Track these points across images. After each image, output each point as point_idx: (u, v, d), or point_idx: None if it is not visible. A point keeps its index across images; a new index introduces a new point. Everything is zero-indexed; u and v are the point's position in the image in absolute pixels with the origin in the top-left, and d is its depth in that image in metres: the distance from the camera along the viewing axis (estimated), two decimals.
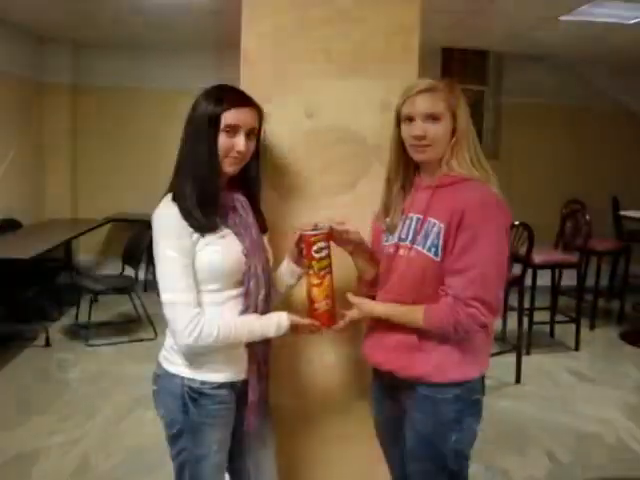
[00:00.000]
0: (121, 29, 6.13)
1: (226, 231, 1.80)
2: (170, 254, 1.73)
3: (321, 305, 1.84)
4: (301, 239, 1.86)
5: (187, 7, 5.20)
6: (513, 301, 4.80)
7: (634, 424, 3.92)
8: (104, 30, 6.18)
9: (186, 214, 1.73)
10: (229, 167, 1.79)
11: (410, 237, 1.79)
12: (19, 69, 6.20)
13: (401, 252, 1.81)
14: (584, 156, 7.49)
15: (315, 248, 1.82)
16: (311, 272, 1.84)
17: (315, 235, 1.82)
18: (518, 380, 4.50)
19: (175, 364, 1.83)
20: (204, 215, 1.75)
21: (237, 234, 1.82)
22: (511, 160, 7.37)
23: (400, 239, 1.82)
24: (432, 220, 1.74)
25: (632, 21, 5.13)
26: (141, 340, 5.20)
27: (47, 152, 6.84)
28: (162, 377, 1.87)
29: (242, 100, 1.79)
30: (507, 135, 7.47)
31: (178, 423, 1.82)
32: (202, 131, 1.75)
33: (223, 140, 1.75)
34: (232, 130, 1.75)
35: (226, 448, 1.90)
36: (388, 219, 1.89)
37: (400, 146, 1.84)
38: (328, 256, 1.85)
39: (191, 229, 1.73)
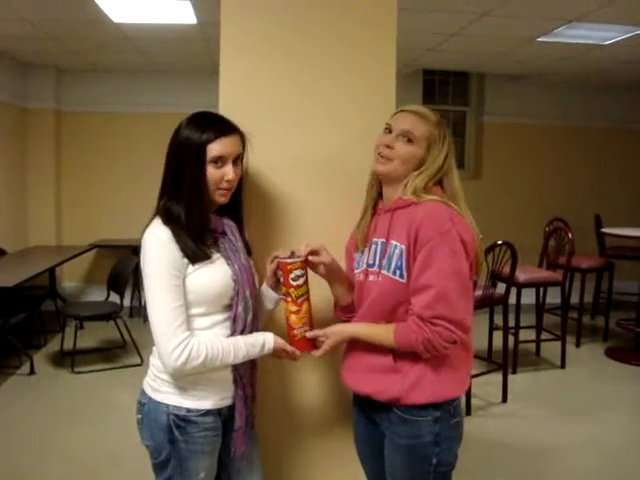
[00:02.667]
0: (105, 54, 6.16)
1: (215, 255, 1.82)
2: (160, 274, 1.73)
3: (300, 331, 1.86)
4: (278, 267, 1.87)
5: (173, 34, 5.25)
6: (498, 320, 4.82)
7: (622, 441, 3.93)
8: (88, 56, 6.20)
9: (178, 239, 1.74)
10: (221, 197, 1.81)
11: (377, 262, 1.81)
12: (2, 95, 6.19)
13: (371, 278, 1.83)
14: (566, 175, 7.58)
15: (292, 276, 1.83)
16: (289, 299, 1.86)
17: (292, 263, 1.84)
18: (504, 399, 4.50)
19: (160, 392, 1.82)
20: (195, 243, 1.76)
21: (226, 259, 1.83)
22: (494, 180, 7.44)
23: (368, 265, 1.85)
24: (393, 242, 1.77)
25: (608, 42, 5.22)
26: (127, 366, 5.16)
27: (31, 178, 6.81)
28: (147, 405, 1.85)
29: (226, 129, 1.79)
30: (489, 155, 7.54)
31: (164, 451, 1.81)
32: (188, 161, 1.75)
33: (212, 172, 1.75)
34: (220, 161, 1.76)
35: (213, 475, 1.89)
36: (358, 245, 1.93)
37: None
38: (305, 283, 1.86)
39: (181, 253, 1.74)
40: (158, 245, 1.74)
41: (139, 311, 6.70)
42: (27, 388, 4.70)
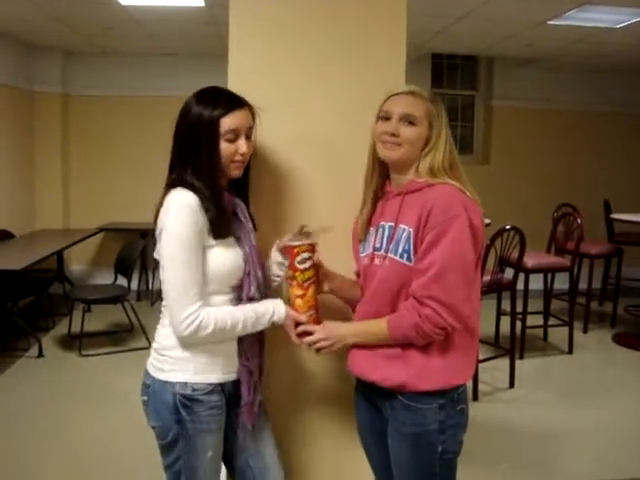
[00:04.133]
0: (112, 37, 6.13)
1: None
2: (184, 241, 1.70)
3: (305, 316, 1.83)
4: (284, 250, 1.86)
5: (180, 16, 5.21)
6: (506, 305, 4.81)
7: (629, 426, 3.93)
8: (95, 38, 6.18)
9: (207, 209, 1.73)
10: (235, 171, 1.81)
11: (384, 246, 1.79)
12: (9, 78, 6.18)
13: (377, 262, 1.81)
14: (576, 160, 7.52)
15: (299, 259, 1.81)
16: (294, 283, 1.83)
17: (299, 246, 1.81)
18: (512, 384, 4.50)
19: (164, 371, 1.82)
20: (221, 217, 1.76)
21: (237, 239, 1.83)
22: (502, 165, 7.40)
23: (375, 248, 1.82)
24: (402, 226, 1.75)
25: (619, 25, 5.16)
26: (134, 350, 5.18)
27: (38, 162, 6.81)
28: (152, 386, 1.85)
29: (237, 102, 1.78)
30: (498, 140, 7.49)
31: (171, 432, 1.81)
32: (203, 137, 1.74)
33: (226, 146, 1.75)
34: (233, 134, 1.75)
35: (220, 452, 1.89)
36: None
37: (375, 151, 1.86)
38: (312, 266, 1.84)
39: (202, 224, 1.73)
40: (186, 210, 1.71)
41: (147, 294, 6.71)
42: (35, 370, 4.73)
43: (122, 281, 5.43)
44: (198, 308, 1.72)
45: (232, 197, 1.86)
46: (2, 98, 6.07)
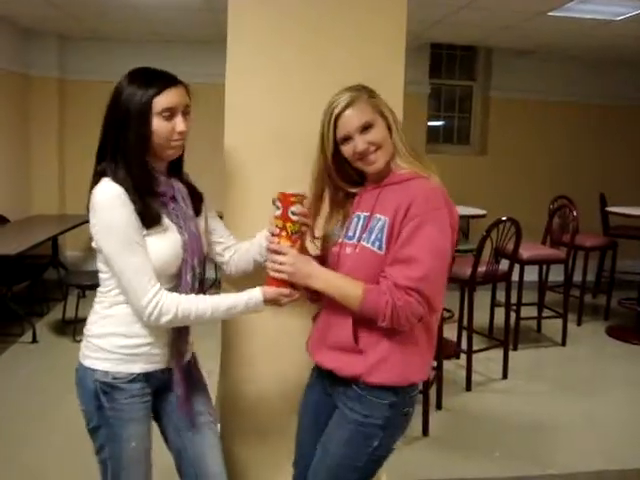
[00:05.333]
0: (108, 22, 6.08)
1: (166, 222, 1.78)
2: (120, 232, 1.68)
3: None
4: (279, 199, 1.81)
5: (177, 3, 5.18)
6: (500, 297, 4.82)
7: (621, 418, 3.95)
8: (90, 23, 6.13)
9: (133, 199, 1.70)
10: (172, 151, 1.76)
11: (357, 234, 1.78)
12: (5, 62, 6.13)
13: (347, 250, 1.79)
14: (573, 152, 7.52)
15: (293, 209, 1.79)
16: (284, 234, 1.80)
17: (295, 195, 1.80)
18: (505, 375, 4.52)
19: (89, 357, 1.82)
20: (147, 205, 1.72)
21: (177, 226, 1.80)
22: (499, 156, 7.40)
23: (347, 237, 1.81)
24: (377, 216, 1.75)
25: (620, 17, 5.15)
26: None
27: (34, 147, 6.77)
28: (79, 371, 1.85)
29: (171, 80, 1.72)
30: (495, 131, 7.48)
31: (94, 418, 1.82)
32: (133, 119, 1.68)
33: (162, 125, 1.70)
34: (169, 113, 1.70)
35: (146, 442, 1.87)
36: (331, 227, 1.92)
37: (324, 174, 1.85)
38: (300, 223, 1.82)
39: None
40: (115, 203, 1.68)
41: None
42: (29, 356, 4.72)
43: None
44: (156, 293, 1.70)
45: (171, 181, 1.82)
46: None
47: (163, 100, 1.68)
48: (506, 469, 3.28)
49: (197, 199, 1.91)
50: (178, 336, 1.85)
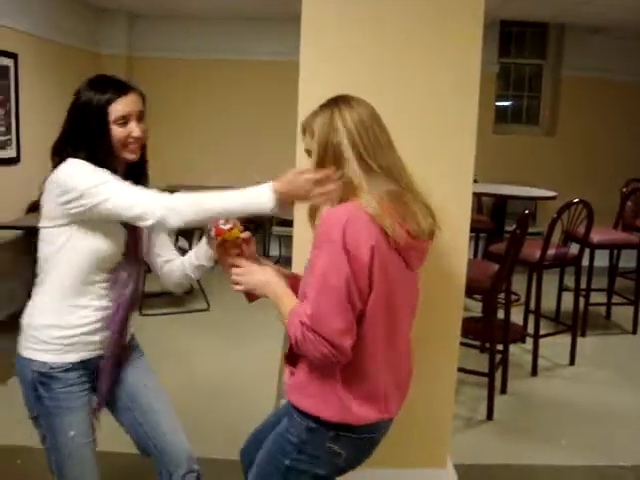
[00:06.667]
0: (176, 0, 6.13)
1: None
2: (90, 169, 1.75)
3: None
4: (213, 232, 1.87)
5: None
6: (569, 281, 4.70)
7: None
8: (159, 1, 6.19)
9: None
10: (130, 154, 1.85)
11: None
12: (76, 40, 6.27)
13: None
14: None
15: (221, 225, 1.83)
16: (227, 245, 1.84)
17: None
18: (572, 362, 4.41)
19: (27, 348, 1.85)
20: None
21: (124, 224, 1.85)
22: (569, 137, 7.18)
23: None
24: None
25: None
26: (193, 311, 5.27)
27: None
28: (18, 361, 1.88)
29: (125, 88, 1.82)
30: (566, 111, 7.25)
31: (34, 409, 1.86)
32: (91, 123, 1.77)
33: (118, 131, 1.79)
34: (124, 119, 1.79)
35: (85, 429, 1.88)
36: None
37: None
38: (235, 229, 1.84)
39: None
40: (83, 166, 1.76)
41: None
42: None
43: (183, 243, 5.50)
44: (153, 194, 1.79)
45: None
46: (69, 60, 6.16)
47: (118, 107, 1.78)
48: (574, 458, 3.20)
49: None
50: (113, 322, 1.89)
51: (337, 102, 1.68)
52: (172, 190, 1.87)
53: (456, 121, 2.42)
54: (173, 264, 2.07)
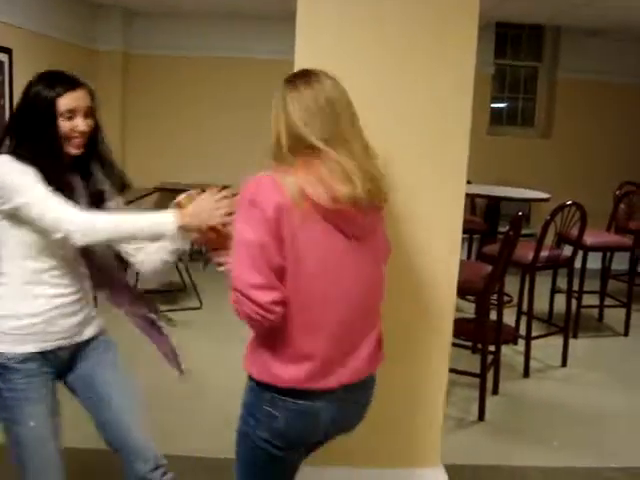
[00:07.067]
0: None
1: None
2: (29, 179, 1.76)
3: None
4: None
5: None
6: (561, 283, 4.71)
7: None
8: None
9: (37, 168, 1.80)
10: (74, 148, 1.88)
11: None
12: (72, 36, 6.25)
13: None
14: None
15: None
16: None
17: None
18: (564, 363, 4.42)
19: None
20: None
21: None
22: (564, 140, 7.20)
23: None
24: None
25: None
26: (186, 309, 5.26)
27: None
28: None
29: (73, 84, 1.86)
30: (561, 113, 7.27)
31: None
32: (39, 116, 1.82)
33: (63, 124, 1.83)
34: (70, 114, 1.84)
35: (46, 421, 1.89)
36: None
37: None
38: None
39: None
40: (8, 162, 1.79)
41: (200, 255, 6.79)
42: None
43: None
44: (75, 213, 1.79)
45: (71, 174, 1.92)
46: (65, 55, 6.14)
47: (65, 102, 1.83)
48: (565, 459, 3.21)
49: (96, 197, 1.98)
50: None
51: (293, 81, 1.73)
52: (167, 188, 1.90)
53: (453, 122, 2.42)
54: (149, 250, 2.05)
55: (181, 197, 1.88)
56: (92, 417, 2.04)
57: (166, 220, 1.81)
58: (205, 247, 1.94)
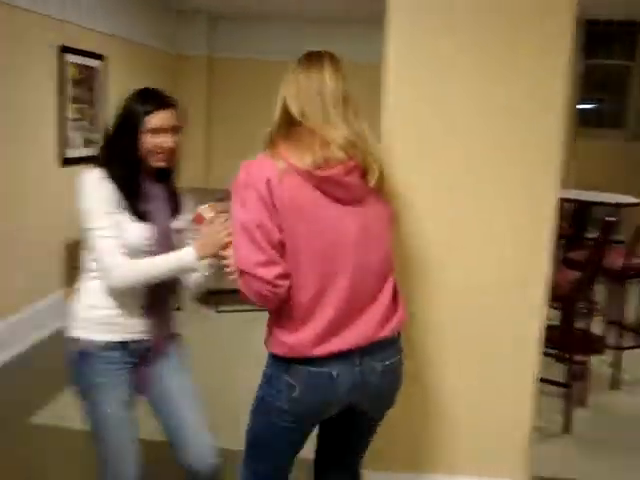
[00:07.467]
0: (254, 2, 6.20)
1: (140, 212, 2.01)
2: (98, 201, 1.94)
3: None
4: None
5: None
6: None
7: None
8: (240, 1, 6.27)
9: (114, 182, 1.97)
10: (157, 162, 2.02)
11: None
12: (159, 42, 6.44)
13: None
14: None
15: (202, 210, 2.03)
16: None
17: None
18: None
19: (72, 328, 2.04)
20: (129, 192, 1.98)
21: (152, 219, 2.02)
22: None
23: None
24: None
25: None
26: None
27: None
28: (66, 341, 2.06)
29: (163, 104, 2.02)
30: None
31: (76, 384, 2.04)
32: (127, 129, 1.98)
33: (149, 140, 1.98)
34: (157, 131, 1.98)
35: (124, 407, 2.03)
36: None
37: None
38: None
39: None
40: (92, 182, 1.96)
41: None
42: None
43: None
44: (119, 263, 1.95)
45: (154, 184, 2.06)
46: (154, 61, 6.35)
47: (153, 120, 1.98)
48: None
49: (175, 203, 2.14)
50: (150, 308, 2.05)
51: (309, 61, 1.92)
52: None
53: (543, 124, 2.38)
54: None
55: (201, 208, 2.04)
56: (155, 412, 2.16)
57: (186, 256, 1.97)
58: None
